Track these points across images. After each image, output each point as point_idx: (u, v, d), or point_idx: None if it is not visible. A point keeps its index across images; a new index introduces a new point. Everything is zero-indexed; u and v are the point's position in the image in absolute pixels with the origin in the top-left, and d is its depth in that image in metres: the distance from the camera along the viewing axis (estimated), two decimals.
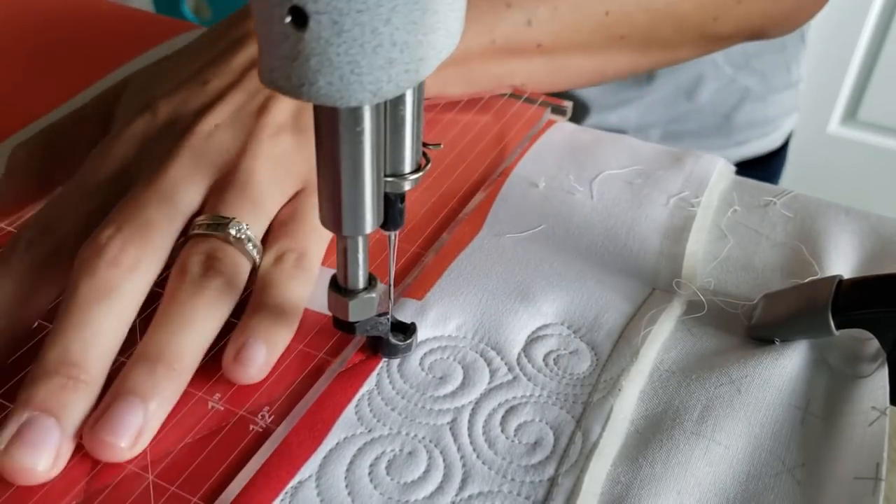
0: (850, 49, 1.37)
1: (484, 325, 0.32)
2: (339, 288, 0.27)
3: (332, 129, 0.22)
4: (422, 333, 0.31)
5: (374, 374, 0.30)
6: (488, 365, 0.30)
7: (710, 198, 0.37)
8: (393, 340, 0.30)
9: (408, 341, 0.30)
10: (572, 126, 0.43)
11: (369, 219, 0.24)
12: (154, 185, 0.31)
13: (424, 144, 0.27)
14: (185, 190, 0.31)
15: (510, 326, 0.31)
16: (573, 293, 0.33)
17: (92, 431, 0.26)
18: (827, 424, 0.28)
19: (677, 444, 0.27)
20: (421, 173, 0.27)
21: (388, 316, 0.29)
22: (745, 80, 0.67)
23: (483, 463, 0.27)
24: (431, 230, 0.36)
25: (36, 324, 0.30)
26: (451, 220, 0.37)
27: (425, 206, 0.37)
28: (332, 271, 0.28)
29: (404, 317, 0.31)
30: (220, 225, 0.30)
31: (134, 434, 0.26)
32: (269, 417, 0.28)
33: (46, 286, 0.30)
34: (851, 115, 1.45)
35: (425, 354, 0.31)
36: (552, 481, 0.26)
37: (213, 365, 0.29)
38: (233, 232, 0.30)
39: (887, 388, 0.29)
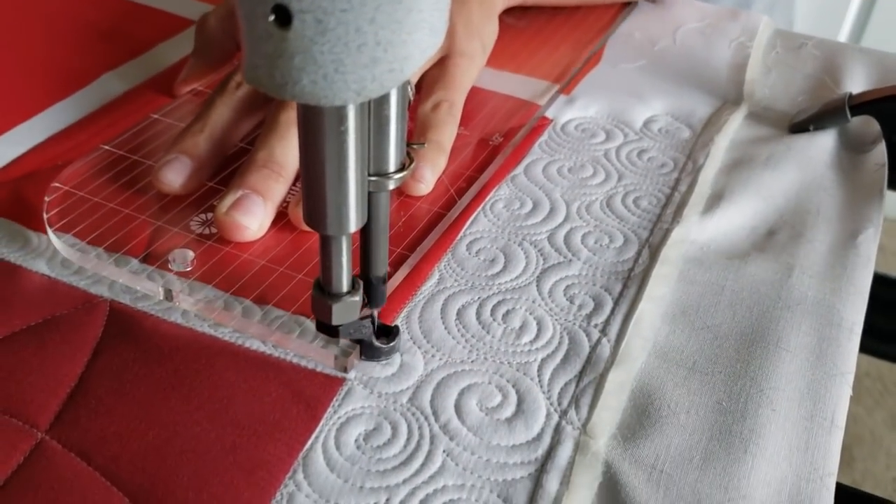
0: None
1: (614, 112, 0.46)
2: (322, 291, 0.27)
3: (316, 128, 0.22)
4: (570, 114, 0.46)
5: (546, 131, 0.44)
6: (621, 132, 0.45)
7: (760, 41, 0.52)
8: (377, 344, 0.30)
9: (391, 344, 0.30)
10: None
11: (353, 218, 0.25)
12: None
13: (408, 144, 0.27)
14: None
15: (631, 113, 0.46)
16: (672, 98, 0.48)
17: (228, 215, 0.33)
18: (845, 176, 0.43)
19: (751, 175, 0.42)
20: (405, 172, 0.26)
21: (372, 318, 0.29)
22: None
23: (628, 171, 0.42)
24: (565, 65, 0.51)
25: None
26: (578, 58, 0.51)
27: (559, 47, 0.52)
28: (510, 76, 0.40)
29: (556, 106, 0.46)
30: None
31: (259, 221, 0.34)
32: (500, 138, 0.42)
33: (248, 117, 0.38)
34: (855, 42, 1.56)
35: (577, 126, 0.45)
36: (677, 182, 0.41)
37: None
38: None
39: (885, 152, 0.44)
